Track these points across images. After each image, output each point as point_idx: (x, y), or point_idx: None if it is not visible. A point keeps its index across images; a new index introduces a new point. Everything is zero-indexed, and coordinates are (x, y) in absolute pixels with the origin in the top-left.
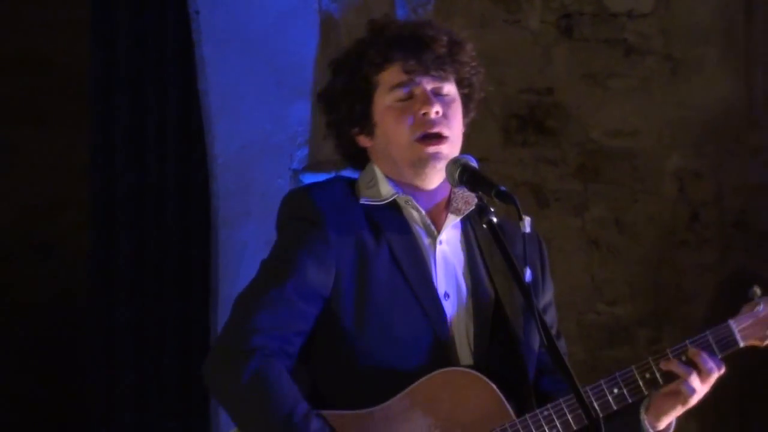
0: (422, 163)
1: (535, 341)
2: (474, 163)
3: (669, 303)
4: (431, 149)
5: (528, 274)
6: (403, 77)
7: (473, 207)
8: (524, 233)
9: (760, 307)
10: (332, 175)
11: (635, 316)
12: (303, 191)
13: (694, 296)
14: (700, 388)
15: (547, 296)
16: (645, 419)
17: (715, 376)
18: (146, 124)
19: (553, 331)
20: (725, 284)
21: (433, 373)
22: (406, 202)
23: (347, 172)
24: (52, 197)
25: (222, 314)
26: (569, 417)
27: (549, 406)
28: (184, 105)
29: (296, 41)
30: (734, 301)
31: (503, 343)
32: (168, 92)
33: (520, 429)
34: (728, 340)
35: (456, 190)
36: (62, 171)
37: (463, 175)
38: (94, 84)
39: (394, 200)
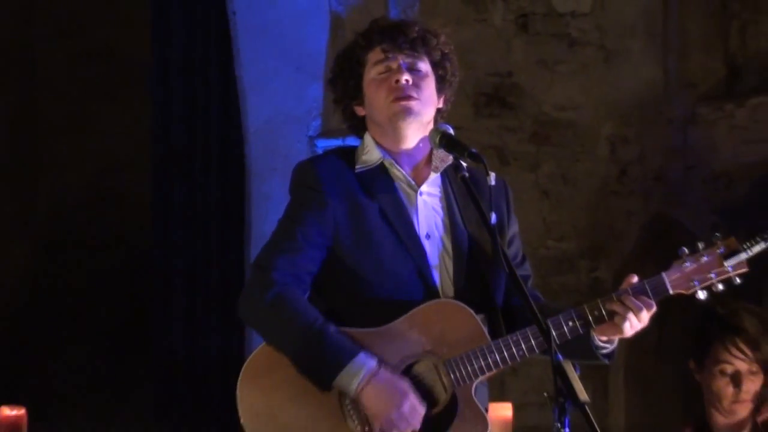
0: (396, 117)
1: (502, 272)
2: (451, 131)
3: (603, 240)
4: (402, 104)
5: (493, 217)
6: (382, 56)
7: (449, 163)
8: (490, 185)
9: (687, 264)
10: (339, 140)
11: (577, 250)
12: (308, 163)
13: (623, 235)
14: (635, 324)
15: (512, 230)
16: (594, 335)
17: (647, 316)
18: (195, 100)
19: (519, 257)
20: (647, 225)
21: (428, 303)
22: (390, 164)
23: (351, 140)
24: (121, 158)
25: (253, 249)
26: (533, 343)
27: (517, 332)
28: (224, 86)
29: (311, 36)
30: (654, 239)
31: (477, 274)
32: (211, 76)
33: (494, 350)
34: (661, 288)
35: (436, 151)
36: (129, 137)
37: (442, 140)
38: (154, 69)
39: (382, 163)
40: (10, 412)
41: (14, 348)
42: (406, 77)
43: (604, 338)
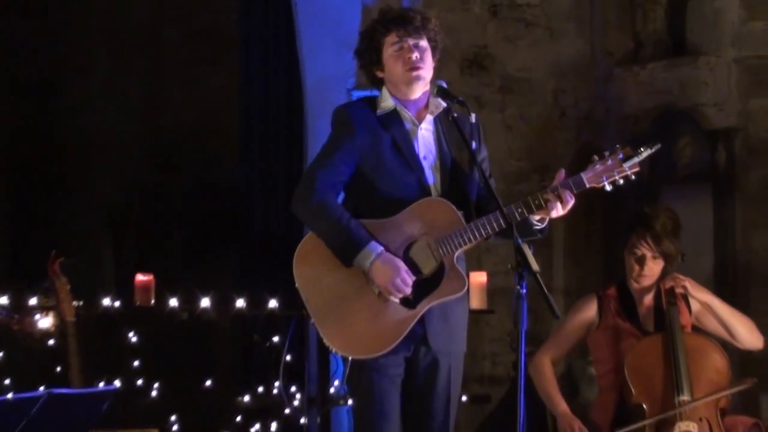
0: (411, 81)
1: (476, 181)
2: (445, 85)
3: (548, 160)
4: (414, 73)
5: (473, 144)
6: (396, 39)
7: (441, 109)
8: (471, 122)
9: (597, 166)
10: (368, 91)
11: (530, 167)
12: (343, 107)
13: (562, 157)
14: (560, 210)
15: (483, 154)
16: (530, 217)
17: (570, 204)
18: (268, 64)
19: (488, 173)
20: (578, 150)
21: (421, 200)
22: (401, 109)
23: (376, 92)
24: (218, 104)
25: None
26: (494, 224)
27: (483, 218)
28: (288, 55)
29: (348, 20)
30: (583, 160)
31: (456, 183)
32: (280, 49)
33: (469, 230)
34: (580, 183)
35: (433, 99)
36: (224, 90)
37: (439, 91)
38: (240, 43)
39: (394, 108)
40: (142, 277)
41: (143, 234)
42: (415, 54)
43: (537, 218)
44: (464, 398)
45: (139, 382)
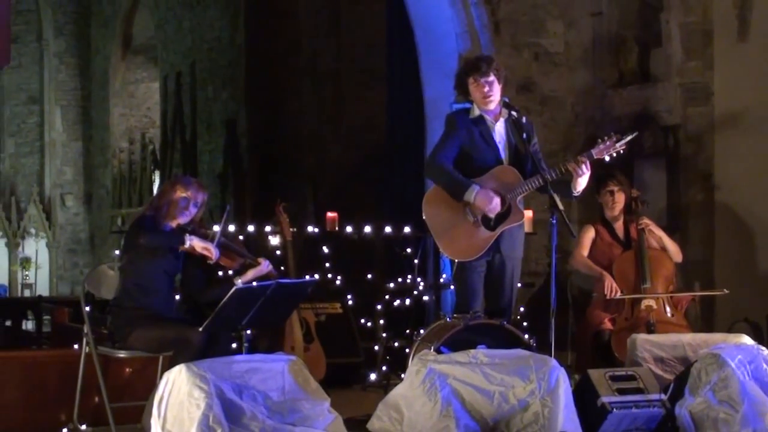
0: (486, 104)
1: (529, 158)
2: (507, 100)
3: (569, 143)
4: (487, 99)
5: (525, 135)
6: (473, 80)
7: (507, 115)
8: (524, 122)
9: (601, 145)
10: (462, 105)
11: (559, 148)
12: (451, 114)
13: (577, 141)
14: (580, 173)
15: (534, 140)
16: (572, 189)
17: (586, 170)
18: (404, 89)
19: (536, 148)
20: (586, 138)
21: (498, 167)
22: (483, 115)
23: (468, 105)
24: (376, 110)
25: (428, 152)
26: (539, 180)
27: (533, 177)
28: (415, 83)
29: (450, 62)
30: (590, 142)
31: (517, 158)
32: (410, 79)
33: (525, 184)
34: (590, 156)
35: (502, 109)
36: (378, 104)
37: (505, 104)
38: (387, 76)
39: (480, 115)
40: (331, 214)
41: (331, 188)
42: (486, 88)
43: (576, 191)
44: (519, 285)
45: (329, 275)
